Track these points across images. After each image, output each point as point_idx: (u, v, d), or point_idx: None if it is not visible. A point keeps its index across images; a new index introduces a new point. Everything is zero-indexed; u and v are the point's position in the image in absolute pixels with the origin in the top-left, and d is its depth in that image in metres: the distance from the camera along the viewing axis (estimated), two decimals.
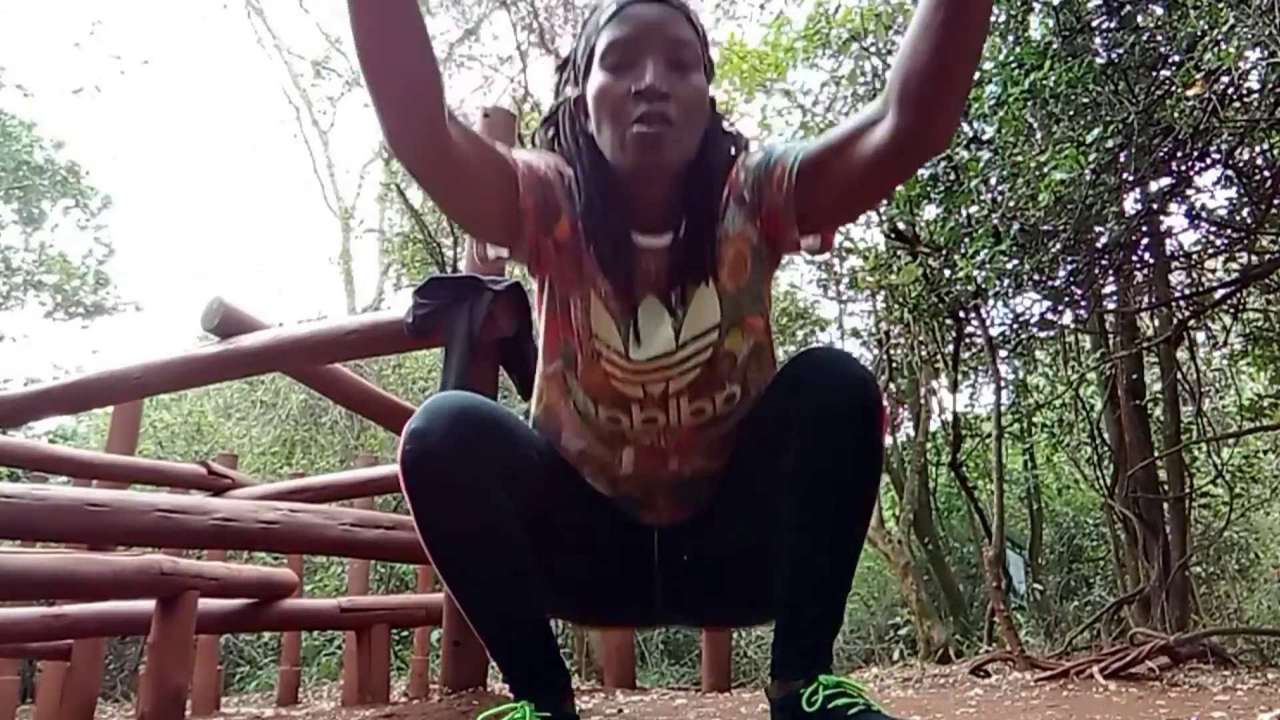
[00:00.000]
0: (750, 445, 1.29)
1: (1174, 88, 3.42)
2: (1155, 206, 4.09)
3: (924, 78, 1.09)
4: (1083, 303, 4.63)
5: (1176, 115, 3.43)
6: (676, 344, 1.26)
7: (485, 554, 1.18)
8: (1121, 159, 3.60)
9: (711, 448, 1.32)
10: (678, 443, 1.31)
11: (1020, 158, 3.69)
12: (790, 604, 1.20)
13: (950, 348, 5.62)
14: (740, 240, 1.28)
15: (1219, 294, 4.64)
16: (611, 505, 1.36)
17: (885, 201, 4.76)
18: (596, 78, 1.25)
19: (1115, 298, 4.87)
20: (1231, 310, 4.85)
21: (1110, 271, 4.41)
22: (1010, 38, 4.17)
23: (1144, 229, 4.25)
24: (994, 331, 4.95)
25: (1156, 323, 5.20)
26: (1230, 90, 3.38)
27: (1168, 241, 4.61)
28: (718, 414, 1.30)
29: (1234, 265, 4.68)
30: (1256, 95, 3.42)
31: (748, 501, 1.28)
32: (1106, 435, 5.39)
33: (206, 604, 3.11)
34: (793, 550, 1.19)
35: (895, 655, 6.95)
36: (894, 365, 7.24)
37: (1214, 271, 4.87)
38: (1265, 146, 3.86)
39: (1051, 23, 3.82)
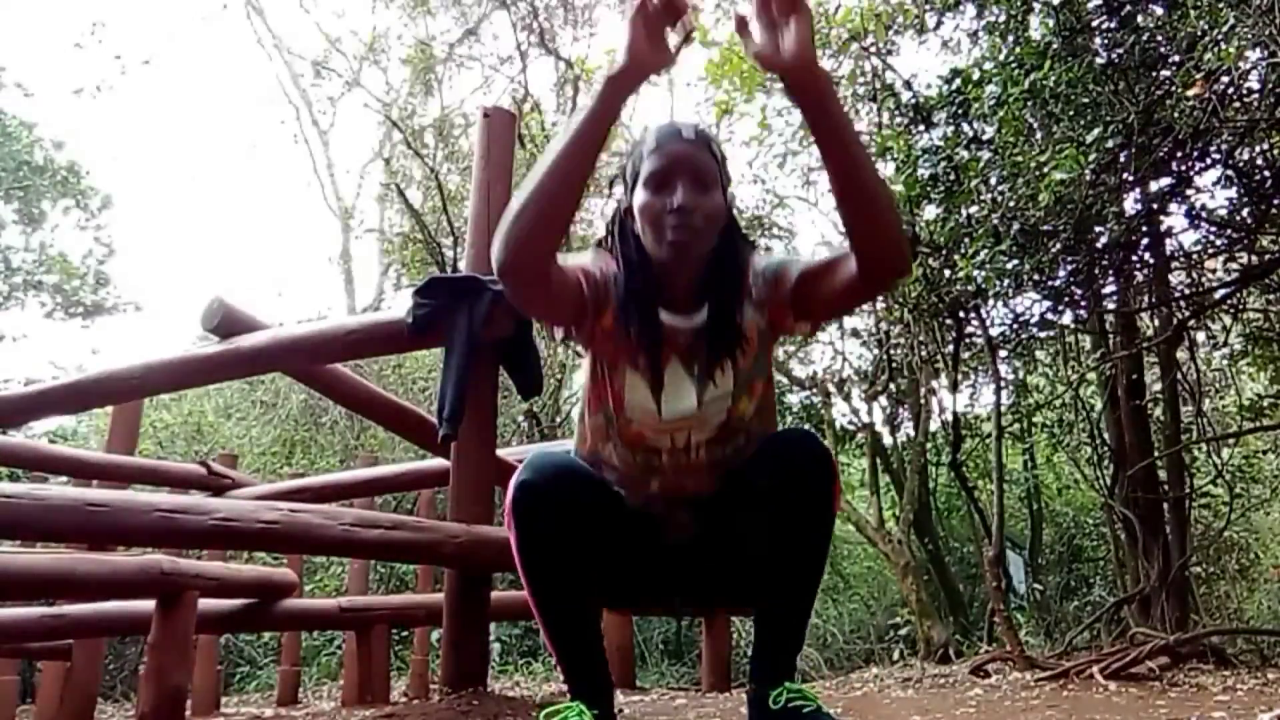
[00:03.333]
0: (735, 500, 1.66)
1: (1174, 88, 3.42)
2: (1155, 206, 4.09)
3: (856, 238, 1.47)
4: (1083, 303, 4.62)
5: (1176, 115, 3.43)
6: (699, 405, 1.66)
7: (572, 582, 1.59)
8: (1121, 159, 3.60)
9: (722, 476, 1.70)
10: (695, 473, 1.70)
11: (1020, 158, 3.69)
12: (764, 633, 1.64)
13: (950, 348, 5.62)
14: (751, 327, 1.67)
15: (1219, 294, 4.64)
16: (644, 527, 1.73)
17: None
18: (640, 195, 1.62)
19: (1115, 298, 4.86)
20: (1231, 310, 4.85)
21: (1110, 271, 4.41)
22: (1010, 38, 4.17)
23: (1144, 229, 4.25)
24: (994, 331, 4.94)
25: (1156, 323, 5.20)
26: (1230, 90, 3.38)
27: (1168, 241, 4.60)
28: (729, 455, 1.70)
29: (1234, 265, 4.68)
30: (1256, 95, 3.42)
31: (735, 537, 1.69)
32: (1106, 435, 5.39)
33: (206, 604, 3.11)
34: (765, 593, 1.63)
35: (895, 655, 6.95)
36: (894, 365, 7.24)
37: (1214, 271, 4.86)
38: (1265, 146, 3.85)
39: (1051, 23, 3.82)
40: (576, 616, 1.62)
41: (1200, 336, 5.57)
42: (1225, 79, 3.25)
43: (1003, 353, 5.39)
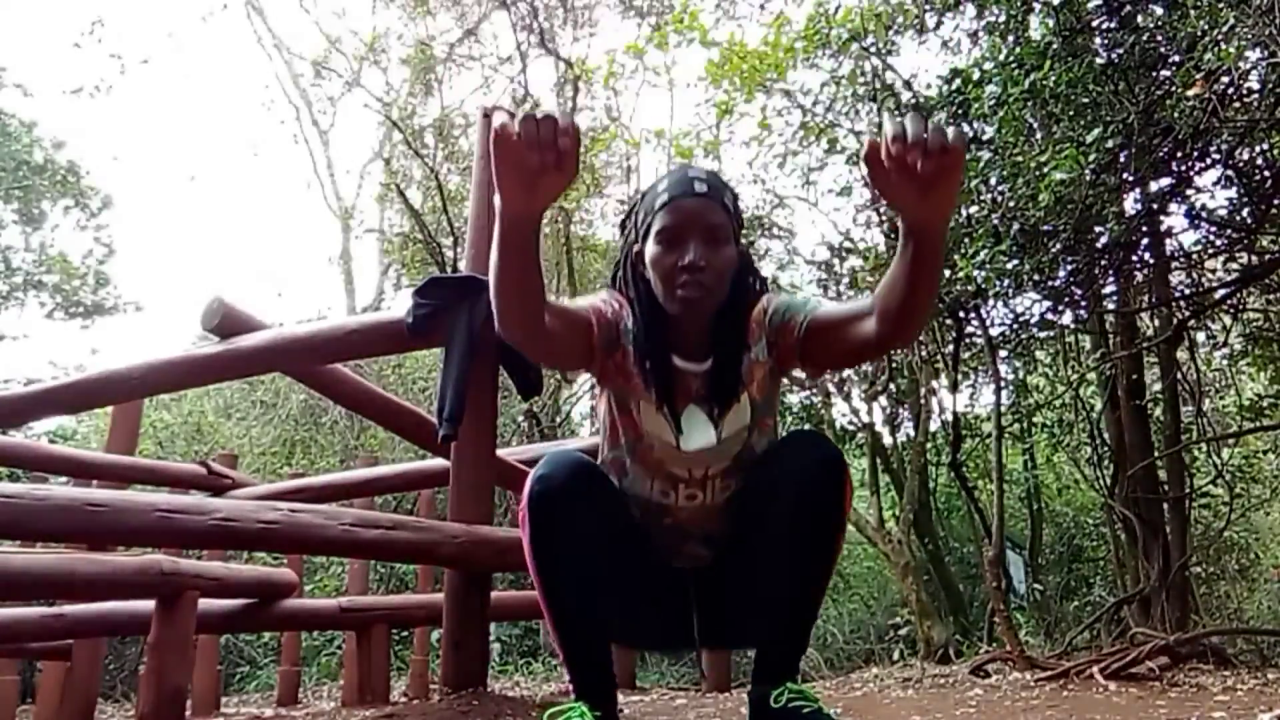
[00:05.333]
0: (746, 506, 1.69)
1: (1174, 88, 3.42)
2: (1155, 206, 4.09)
3: (898, 311, 1.47)
4: (1083, 303, 4.63)
5: (1176, 115, 3.43)
6: (718, 440, 1.69)
7: (581, 581, 1.58)
8: (1121, 159, 3.60)
9: (730, 514, 1.72)
10: (709, 514, 1.72)
11: (1020, 158, 3.69)
12: (769, 632, 1.65)
13: (950, 348, 5.62)
14: (764, 365, 1.72)
15: (1219, 294, 4.64)
16: (658, 548, 1.76)
17: (886, 200, 4.81)
18: (652, 248, 1.64)
19: (1115, 298, 4.87)
20: (1231, 310, 4.85)
21: (1110, 271, 4.41)
22: (1010, 38, 4.17)
23: (1144, 229, 4.25)
24: (994, 331, 4.94)
25: (1156, 323, 5.20)
26: (1230, 90, 3.38)
27: (1168, 241, 4.60)
28: (741, 487, 1.71)
29: (1234, 265, 4.68)
30: (1256, 95, 3.42)
31: (748, 549, 1.70)
32: (1106, 435, 5.39)
33: (206, 604, 3.11)
34: (772, 593, 1.64)
35: (895, 655, 6.94)
36: (894, 365, 7.24)
37: (1214, 271, 4.86)
38: (1265, 146, 3.85)
39: (1051, 23, 3.82)
40: (586, 614, 1.61)
41: (1200, 336, 5.57)
42: (1225, 79, 3.25)
43: (1003, 353, 5.39)
